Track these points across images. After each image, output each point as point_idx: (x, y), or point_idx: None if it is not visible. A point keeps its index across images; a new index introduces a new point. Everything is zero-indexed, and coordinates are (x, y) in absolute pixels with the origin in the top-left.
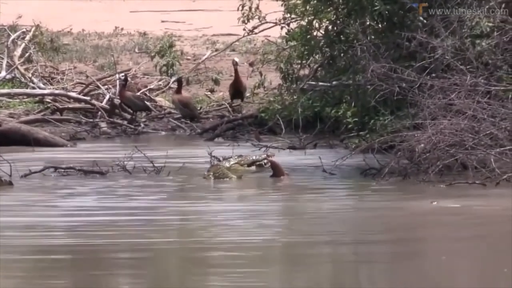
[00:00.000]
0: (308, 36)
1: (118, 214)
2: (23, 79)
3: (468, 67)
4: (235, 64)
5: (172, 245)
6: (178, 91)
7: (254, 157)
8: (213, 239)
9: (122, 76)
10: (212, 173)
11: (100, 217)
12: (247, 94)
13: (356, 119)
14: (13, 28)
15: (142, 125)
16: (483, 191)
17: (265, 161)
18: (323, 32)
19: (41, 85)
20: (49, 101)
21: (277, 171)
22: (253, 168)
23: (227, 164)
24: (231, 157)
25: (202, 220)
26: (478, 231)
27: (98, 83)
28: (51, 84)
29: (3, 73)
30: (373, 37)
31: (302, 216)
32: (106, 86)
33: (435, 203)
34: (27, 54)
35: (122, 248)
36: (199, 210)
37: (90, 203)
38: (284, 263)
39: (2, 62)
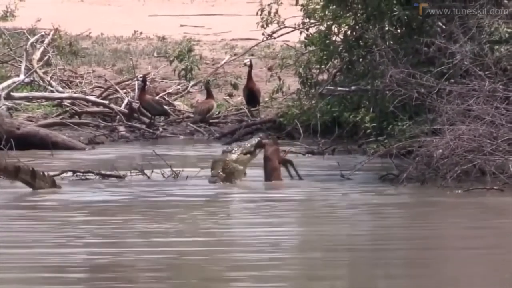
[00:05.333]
0: (327, 41)
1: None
2: (41, 83)
3: (486, 72)
4: (249, 65)
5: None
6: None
7: (249, 144)
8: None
9: (140, 77)
10: (221, 171)
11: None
12: (266, 99)
13: (375, 124)
14: (32, 31)
15: (161, 129)
16: None
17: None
18: (342, 37)
19: (60, 89)
20: (68, 104)
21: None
22: (253, 155)
23: (233, 157)
24: (233, 149)
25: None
26: None
27: (116, 87)
28: (70, 88)
29: (22, 77)
30: (391, 42)
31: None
32: (124, 90)
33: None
34: (45, 58)
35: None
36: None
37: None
38: None
39: (21, 65)
